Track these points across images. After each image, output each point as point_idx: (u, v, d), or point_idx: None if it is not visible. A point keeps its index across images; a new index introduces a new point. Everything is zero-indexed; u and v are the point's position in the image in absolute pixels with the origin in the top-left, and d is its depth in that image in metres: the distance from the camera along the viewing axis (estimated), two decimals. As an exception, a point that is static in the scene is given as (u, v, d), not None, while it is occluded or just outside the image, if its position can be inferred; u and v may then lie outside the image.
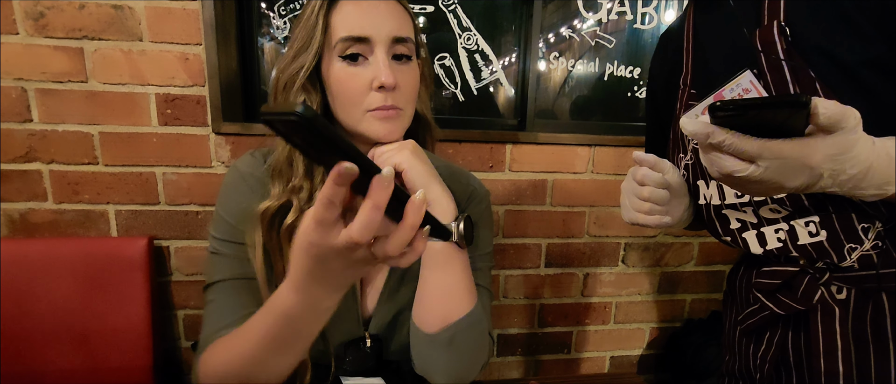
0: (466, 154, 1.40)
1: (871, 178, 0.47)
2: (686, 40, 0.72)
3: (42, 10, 1.13)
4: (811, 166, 0.45)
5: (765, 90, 0.58)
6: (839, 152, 0.45)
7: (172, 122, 1.24)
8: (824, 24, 0.55)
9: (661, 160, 0.66)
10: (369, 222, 0.37)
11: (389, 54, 0.64)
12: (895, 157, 0.47)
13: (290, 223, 0.65)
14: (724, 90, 0.60)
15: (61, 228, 1.26)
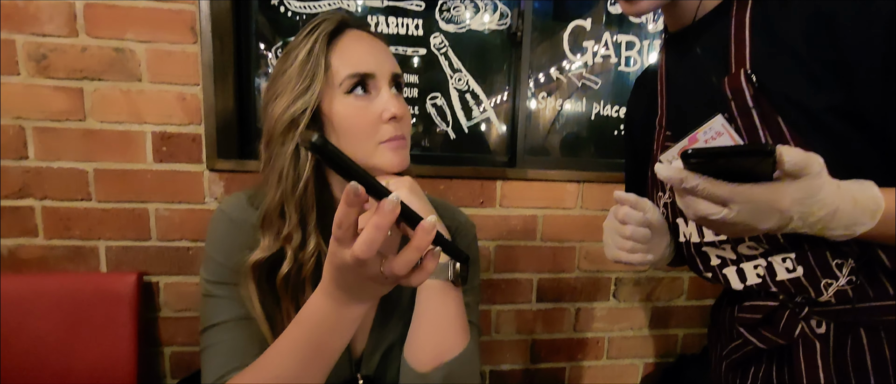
0: (458, 190, 1.42)
1: (838, 219, 0.49)
2: (660, 83, 0.75)
3: (45, 52, 1.17)
4: (780, 209, 0.47)
5: (736, 133, 0.60)
6: (806, 196, 0.47)
7: (167, 158, 1.26)
8: (787, 73, 0.57)
9: (642, 199, 0.68)
10: (371, 240, 0.40)
11: (390, 87, 0.67)
12: (859, 199, 0.49)
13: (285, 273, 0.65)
14: (698, 133, 0.63)
15: (50, 264, 1.26)
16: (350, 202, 0.39)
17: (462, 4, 1.46)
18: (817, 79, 0.55)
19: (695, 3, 0.64)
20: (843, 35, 0.52)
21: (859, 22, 0.52)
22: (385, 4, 1.43)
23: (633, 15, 0.62)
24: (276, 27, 1.41)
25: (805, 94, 0.56)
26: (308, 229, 0.67)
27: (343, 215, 0.41)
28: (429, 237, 0.41)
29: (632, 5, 0.61)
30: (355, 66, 0.65)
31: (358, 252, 0.41)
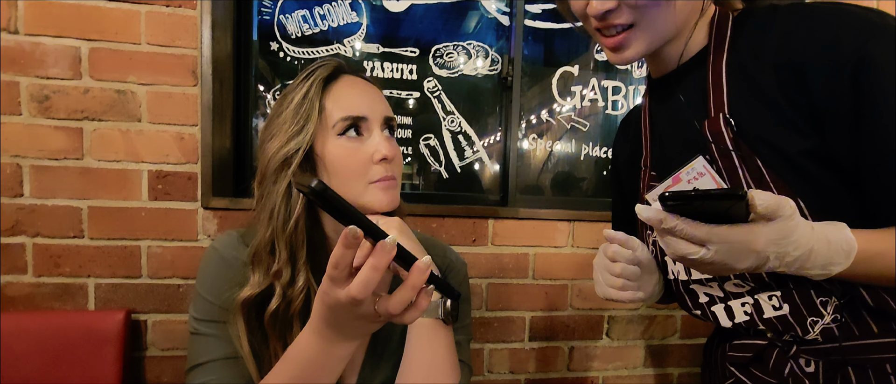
0: (450, 228, 1.44)
1: (813, 259, 0.51)
2: (644, 126, 0.78)
3: (47, 94, 1.20)
4: (756, 250, 0.50)
5: (717, 174, 0.63)
6: (780, 237, 0.49)
7: (162, 196, 1.27)
8: (763, 118, 0.59)
9: (631, 237, 0.69)
10: (367, 281, 0.42)
11: (382, 130, 0.70)
12: (832, 240, 0.51)
13: (274, 310, 0.66)
14: (681, 173, 0.65)
15: (38, 302, 1.24)
16: (348, 244, 0.41)
17: (455, 51, 1.53)
18: (792, 124, 0.57)
19: (676, 53, 0.67)
20: (813, 85, 0.55)
21: (828, 72, 0.54)
22: (381, 51, 1.49)
23: (619, 63, 0.64)
24: (275, 70, 1.46)
25: (781, 138, 0.58)
26: (298, 266, 0.68)
27: (340, 256, 0.42)
28: (423, 276, 0.43)
29: (617, 55, 0.63)
30: (348, 109, 0.68)
31: (354, 292, 0.42)
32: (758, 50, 0.60)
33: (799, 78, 0.56)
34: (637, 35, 0.60)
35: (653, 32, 0.61)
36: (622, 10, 0.58)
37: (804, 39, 0.56)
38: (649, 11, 0.58)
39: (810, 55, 0.55)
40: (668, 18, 0.60)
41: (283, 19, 1.43)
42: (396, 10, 1.49)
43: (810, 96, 0.55)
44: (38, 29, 1.19)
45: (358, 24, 1.47)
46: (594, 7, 0.59)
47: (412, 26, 1.51)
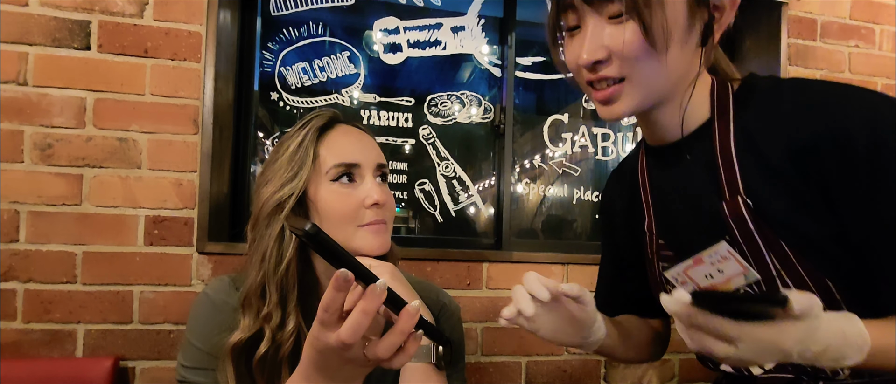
0: (444, 272, 1.44)
1: (828, 353, 0.50)
2: (643, 188, 0.74)
3: (50, 142, 1.23)
4: (783, 349, 0.49)
5: (742, 258, 0.61)
6: (806, 336, 0.49)
7: (158, 241, 1.28)
8: (783, 202, 0.57)
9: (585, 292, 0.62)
10: (357, 325, 0.42)
11: (375, 176, 0.72)
12: (847, 334, 0.50)
13: (263, 354, 0.66)
14: (703, 255, 0.64)
15: (25, 349, 1.22)
16: (339, 287, 0.42)
17: (449, 100, 1.59)
18: (813, 209, 0.56)
19: (673, 120, 0.64)
20: (831, 173, 0.54)
21: (844, 161, 0.53)
22: (378, 100, 1.54)
23: (609, 118, 0.62)
24: (274, 118, 1.50)
25: (803, 223, 0.56)
26: (288, 309, 0.68)
27: (331, 300, 0.43)
28: (413, 321, 0.44)
29: (607, 108, 0.60)
30: (341, 156, 0.71)
31: (344, 336, 0.43)
32: (768, 130, 0.58)
33: (816, 165, 0.55)
34: (628, 90, 0.58)
35: (644, 88, 0.58)
36: (613, 62, 0.57)
37: (818, 125, 0.54)
38: (640, 65, 0.56)
39: (826, 143, 0.54)
40: (660, 75, 0.58)
41: (284, 71, 1.49)
42: (393, 62, 1.56)
43: (828, 183, 0.54)
44: (46, 81, 1.23)
45: (356, 75, 1.53)
46: (584, 58, 0.57)
47: (408, 77, 1.57)
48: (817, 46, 1.68)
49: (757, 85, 0.62)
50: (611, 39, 0.55)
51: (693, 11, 0.56)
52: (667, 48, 0.55)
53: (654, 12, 0.53)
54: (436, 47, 1.58)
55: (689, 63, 0.60)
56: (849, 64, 1.71)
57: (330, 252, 0.41)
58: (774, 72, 1.62)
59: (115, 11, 1.27)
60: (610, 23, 0.56)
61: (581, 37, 0.58)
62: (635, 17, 0.53)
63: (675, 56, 0.56)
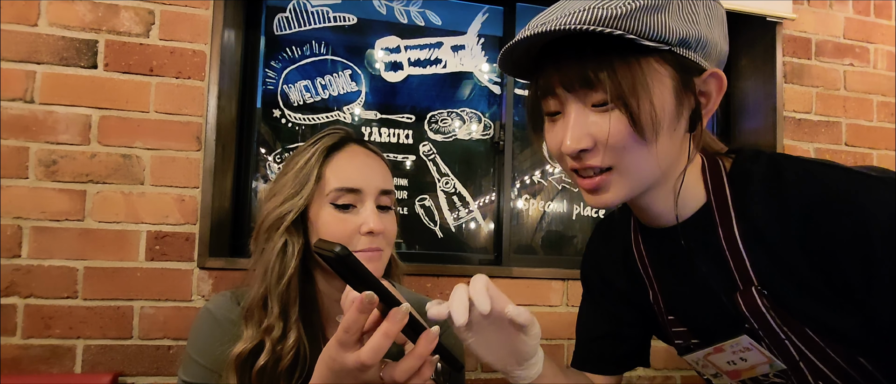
0: (444, 287, 1.44)
1: None
2: (641, 265, 0.69)
3: (55, 158, 1.24)
4: None
5: (766, 350, 0.59)
6: None
7: (159, 257, 1.28)
8: (801, 293, 0.54)
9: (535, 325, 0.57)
10: (379, 348, 0.43)
11: (376, 204, 0.73)
12: None
13: (263, 365, 0.66)
14: (724, 345, 0.61)
15: (24, 365, 1.22)
16: (362, 309, 0.43)
17: (449, 117, 1.61)
18: (834, 303, 0.53)
19: (666, 205, 0.60)
20: (846, 266, 0.51)
21: (860, 253, 0.50)
22: (379, 117, 1.56)
23: (597, 207, 0.59)
24: (277, 134, 1.52)
25: (824, 314, 0.54)
26: (289, 323, 0.69)
27: (352, 321, 0.44)
28: (431, 346, 0.45)
29: (595, 198, 0.56)
30: (344, 180, 0.71)
31: (365, 358, 0.43)
32: (775, 224, 0.55)
33: (833, 265, 0.52)
34: (616, 179, 0.54)
35: (633, 178, 0.54)
36: (598, 151, 0.52)
37: (831, 225, 0.51)
38: (628, 154, 0.52)
39: (842, 244, 0.51)
40: (649, 164, 0.53)
41: (287, 88, 1.52)
42: (394, 80, 1.58)
43: (848, 280, 0.51)
44: (53, 98, 1.25)
45: (357, 93, 1.56)
46: (568, 146, 0.52)
47: (409, 95, 1.60)
48: (813, 65, 1.70)
49: (752, 169, 0.58)
50: (595, 128, 0.52)
51: (680, 98, 0.53)
52: (656, 138, 0.51)
53: (641, 101, 0.50)
54: (436, 65, 1.60)
55: (679, 149, 0.56)
56: (844, 82, 1.73)
57: (357, 275, 0.41)
58: (770, 90, 1.64)
59: (122, 31, 1.29)
60: (594, 111, 0.52)
61: (563, 123, 0.54)
62: (621, 107, 0.50)
63: (664, 144, 0.53)
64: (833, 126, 1.71)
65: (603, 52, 0.49)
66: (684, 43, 0.51)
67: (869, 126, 1.74)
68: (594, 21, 0.47)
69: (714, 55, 0.55)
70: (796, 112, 1.67)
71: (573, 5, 0.49)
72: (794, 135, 1.66)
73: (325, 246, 0.41)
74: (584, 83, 0.51)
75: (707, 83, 0.55)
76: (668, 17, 0.49)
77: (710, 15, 0.54)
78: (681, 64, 0.52)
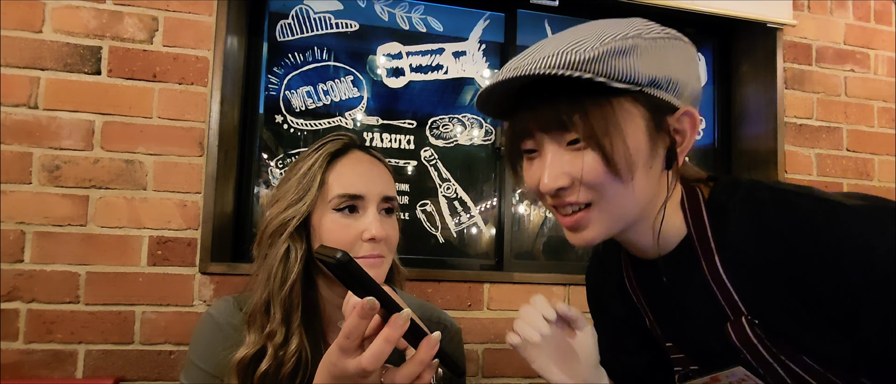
0: (445, 293, 1.44)
1: None
2: (634, 294, 0.69)
3: (58, 164, 1.25)
4: None
5: (759, 379, 0.58)
6: None
7: (161, 262, 1.29)
8: (791, 322, 0.54)
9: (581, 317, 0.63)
10: (380, 354, 0.43)
11: (379, 210, 0.73)
12: None
13: (265, 370, 0.66)
14: (720, 375, 0.62)
15: (25, 370, 1.22)
16: (364, 315, 0.43)
17: (450, 122, 1.61)
18: (818, 326, 0.53)
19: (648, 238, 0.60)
20: (823, 289, 0.51)
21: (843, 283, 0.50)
22: (380, 123, 1.57)
23: (578, 244, 0.57)
24: (279, 140, 1.53)
25: (816, 343, 0.54)
26: (292, 328, 0.69)
27: (353, 327, 0.44)
28: (433, 351, 0.45)
29: (575, 235, 0.57)
30: (347, 186, 0.71)
31: (366, 363, 0.44)
32: (757, 256, 0.55)
33: (814, 294, 0.52)
34: (596, 216, 0.54)
35: (613, 214, 0.55)
36: (577, 188, 0.53)
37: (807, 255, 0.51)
38: (606, 191, 0.53)
39: (819, 273, 0.51)
40: (628, 200, 0.54)
41: (289, 94, 1.52)
42: (395, 86, 1.59)
43: (830, 311, 0.51)
44: (57, 104, 1.26)
45: (359, 99, 1.56)
46: (546, 184, 0.53)
47: (410, 100, 1.60)
48: (813, 71, 1.71)
49: (729, 199, 0.58)
50: (571, 166, 0.52)
51: (653, 137, 0.53)
52: (632, 177, 0.52)
53: (614, 142, 0.50)
54: (437, 71, 1.61)
55: (657, 185, 0.56)
56: (845, 88, 1.73)
57: (358, 281, 0.42)
58: (771, 96, 1.65)
59: (126, 37, 1.30)
60: (569, 149, 0.53)
61: (541, 163, 0.55)
62: (595, 147, 0.51)
63: (640, 182, 0.53)
64: (834, 132, 1.71)
65: (575, 94, 0.50)
66: (655, 83, 0.51)
67: (870, 132, 1.74)
68: (564, 65, 0.48)
69: (686, 94, 0.55)
70: (797, 118, 1.68)
71: (545, 49, 0.50)
72: (795, 140, 1.67)
73: (326, 252, 0.42)
74: (558, 125, 0.52)
75: (681, 121, 0.55)
76: (637, 60, 0.50)
77: (680, 56, 0.54)
78: (653, 104, 0.52)
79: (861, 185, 1.71)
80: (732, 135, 1.79)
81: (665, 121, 0.54)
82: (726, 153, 1.79)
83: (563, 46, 0.49)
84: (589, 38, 0.50)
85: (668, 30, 0.55)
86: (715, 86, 1.79)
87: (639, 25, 0.52)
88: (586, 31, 0.51)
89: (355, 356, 0.45)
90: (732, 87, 1.78)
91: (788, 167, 1.65)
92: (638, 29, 0.52)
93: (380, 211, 0.73)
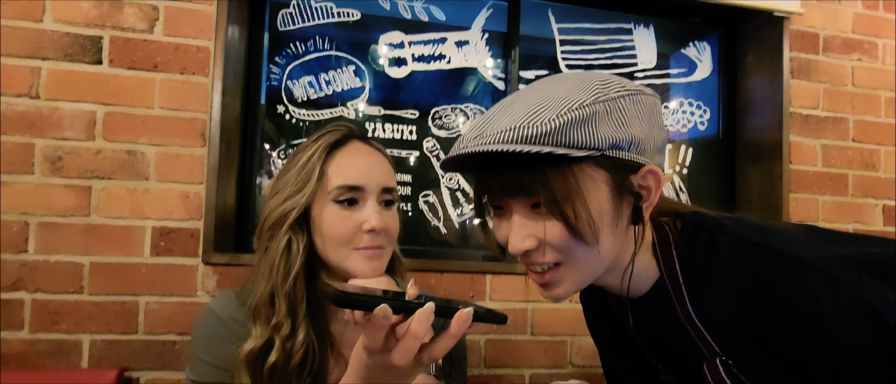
0: (448, 284, 1.44)
1: None
2: (622, 319, 0.70)
3: (61, 155, 1.25)
4: None
5: None
6: None
7: (164, 253, 1.29)
8: (762, 367, 0.55)
9: None
10: (409, 350, 0.44)
11: (379, 201, 0.72)
12: None
13: (273, 362, 0.66)
14: None
15: (31, 360, 1.23)
16: (379, 326, 0.43)
17: (453, 113, 1.60)
18: (785, 377, 0.54)
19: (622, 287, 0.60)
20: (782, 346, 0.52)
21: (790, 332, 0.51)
22: (382, 113, 1.56)
23: (551, 300, 0.59)
24: (281, 131, 1.52)
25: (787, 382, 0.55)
26: (298, 320, 0.69)
27: (371, 340, 0.45)
28: (465, 326, 0.45)
29: (547, 292, 0.58)
30: (346, 178, 0.71)
31: (397, 360, 0.44)
32: (716, 305, 0.56)
33: (774, 349, 0.53)
34: (565, 273, 0.55)
35: (581, 272, 0.56)
36: (543, 249, 0.54)
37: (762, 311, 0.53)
38: (573, 252, 0.53)
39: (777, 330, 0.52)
40: (594, 259, 0.54)
41: (290, 84, 1.51)
42: (397, 76, 1.58)
43: (793, 367, 0.52)
44: (58, 95, 1.25)
45: (361, 89, 1.55)
46: (513, 246, 0.54)
47: (412, 91, 1.59)
48: (820, 60, 1.69)
49: (694, 246, 0.58)
50: (537, 229, 0.53)
51: (617, 198, 0.53)
52: (596, 240, 0.52)
53: (576, 208, 0.50)
54: (440, 61, 1.60)
55: (624, 240, 0.57)
56: (852, 78, 1.71)
57: (366, 305, 0.42)
58: (777, 86, 1.63)
59: (127, 27, 1.29)
60: (534, 212, 0.53)
61: (508, 224, 0.55)
62: (557, 215, 0.51)
63: (606, 241, 0.54)
64: (840, 122, 1.69)
65: (537, 161, 0.49)
66: (616, 146, 0.51)
67: (876, 122, 1.72)
68: (522, 139, 0.48)
69: (649, 149, 0.55)
70: (803, 108, 1.66)
71: (503, 121, 0.50)
72: (801, 131, 1.65)
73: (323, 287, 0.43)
74: (520, 191, 0.52)
75: (645, 178, 0.55)
76: (596, 127, 0.50)
77: (640, 111, 0.54)
78: (615, 166, 0.52)
79: (866, 176, 1.70)
80: (736, 127, 1.77)
81: (628, 180, 0.54)
82: (730, 144, 1.78)
83: (520, 118, 0.49)
84: (547, 107, 0.49)
85: (627, 84, 0.54)
86: (720, 76, 1.77)
87: (596, 87, 0.52)
88: (543, 95, 0.51)
89: (385, 349, 0.45)
90: (737, 77, 1.76)
91: (794, 158, 1.63)
92: (596, 92, 0.51)
93: (380, 202, 0.73)
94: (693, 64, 1.77)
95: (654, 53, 1.74)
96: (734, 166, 1.77)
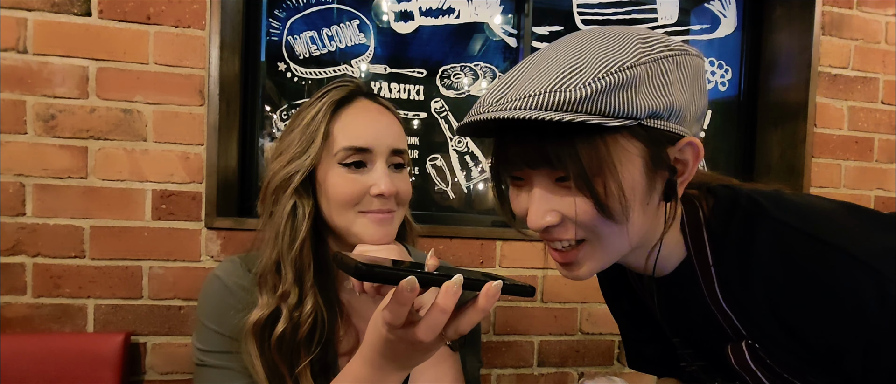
0: (457, 250, 1.41)
1: None
2: (641, 294, 0.68)
3: (53, 113, 1.19)
4: None
5: None
6: None
7: (166, 216, 1.25)
8: (788, 353, 0.53)
9: None
10: (435, 325, 0.41)
11: (388, 164, 0.67)
12: None
13: (281, 333, 0.64)
14: None
15: (36, 324, 1.22)
16: (404, 301, 0.40)
17: (462, 72, 1.53)
18: (814, 363, 0.52)
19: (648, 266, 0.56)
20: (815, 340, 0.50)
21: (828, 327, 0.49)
22: (388, 72, 1.49)
23: (572, 279, 0.54)
24: (282, 90, 1.46)
25: (813, 371, 0.53)
26: (305, 288, 0.66)
27: (394, 316, 0.41)
28: (495, 300, 0.41)
29: (568, 272, 0.54)
30: (353, 139, 0.66)
31: (422, 336, 0.41)
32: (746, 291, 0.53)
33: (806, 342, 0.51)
34: (588, 252, 0.51)
35: (606, 251, 0.51)
36: (567, 225, 0.49)
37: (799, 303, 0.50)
38: (599, 229, 0.49)
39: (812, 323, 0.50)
40: (622, 238, 0.50)
41: (291, 40, 1.44)
42: (404, 31, 1.49)
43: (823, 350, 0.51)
44: (47, 49, 1.19)
45: (365, 46, 1.47)
46: (532, 222, 0.49)
47: (419, 48, 1.51)
48: (853, 15, 1.58)
49: (728, 227, 0.54)
50: (561, 204, 0.48)
51: (651, 174, 0.48)
52: (627, 219, 0.47)
53: (607, 184, 0.46)
54: (449, 15, 1.51)
55: (654, 218, 0.52)
56: (885, 34, 1.62)
57: (388, 279, 0.39)
58: (806, 43, 1.54)
59: (115, -24, 1.21)
60: (560, 185, 0.48)
61: (528, 196, 0.50)
62: (586, 192, 0.46)
63: (636, 220, 0.49)
64: (870, 82, 1.61)
65: (565, 130, 0.44)
66: (655, 115, 0.46)
67: (907, 82, 1.64)
68: (551, 105, 0.42)
69: (689, 118, 0.49)
70: (832, 67, 1.57)
71: (531, 83, 0.44)
72: (828, 92, 1.57)
73: (343, 260, 0.40)
74: (545, 163, 0.47)
75: (683, 151, 0.50)
76: (636, 93, 0.44)
77: (683, 75, 0.48)
78: (652, 137, 0.47)
79: (893, 140, 1.63)
80: (760, 85, 1.69)
81: (665, 153, 0.49)
82: (752, 105, 1.70)
83: (551, 81, 0.43)
84: (583, 67, 0.43)
85: (670, 42, 0.48)
86: (743, 32, 1.68)
87: (638, 46, 0.46)
88: (577, 54, 0.45)
89: (406, 329, 0.42)
90: (763, 33, 1.66)
91: (819, 121, 1.56)
92: (638, 52, 0.45)
93: (389, 165, 0.68)
94: (716, 19, 1.68)
95: (676, 7, 1.65)
96: (754, 129, 1.70)
